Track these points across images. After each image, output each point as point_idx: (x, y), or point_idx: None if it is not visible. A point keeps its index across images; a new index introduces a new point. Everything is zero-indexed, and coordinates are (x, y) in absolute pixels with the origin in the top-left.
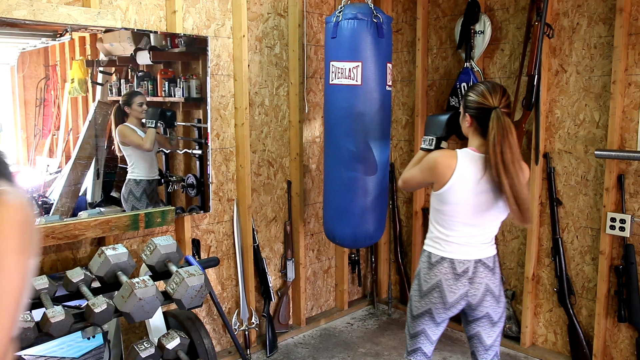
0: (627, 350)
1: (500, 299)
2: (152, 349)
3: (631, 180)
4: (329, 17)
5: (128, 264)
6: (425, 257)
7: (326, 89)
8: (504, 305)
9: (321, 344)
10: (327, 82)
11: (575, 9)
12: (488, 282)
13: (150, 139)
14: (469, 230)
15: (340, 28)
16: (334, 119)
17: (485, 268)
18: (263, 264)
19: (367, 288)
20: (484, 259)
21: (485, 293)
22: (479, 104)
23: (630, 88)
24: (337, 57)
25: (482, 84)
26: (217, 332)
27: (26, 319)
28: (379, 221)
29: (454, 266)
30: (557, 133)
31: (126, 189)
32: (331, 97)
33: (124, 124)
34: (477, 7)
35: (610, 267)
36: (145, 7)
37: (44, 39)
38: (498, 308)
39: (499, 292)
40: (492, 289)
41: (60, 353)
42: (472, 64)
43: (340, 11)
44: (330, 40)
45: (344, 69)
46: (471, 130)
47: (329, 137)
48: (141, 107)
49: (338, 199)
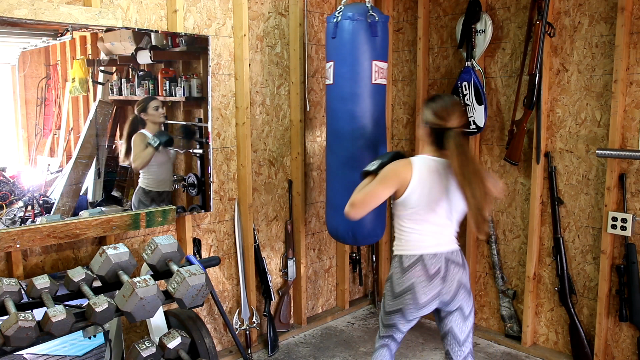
0: (628, 349)
1: (470, 293)
2: (153, 348)
3: (632, 179)
4: (329, 17)
5: (129, 263)
6: (397, 261)
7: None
8: (472, 299)
9: (322, 343)
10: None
11: (577, 7)
12: (460, 278)
13: (142, 159)
14: (433, 228)
15: (337, 28)
16: (327, 118)
17: (455, 265)
18: (263, 263)
19: (368, 287)
20: (453, 258)
21: (458, 288)
22: (435, 124)
23: (631, 87)
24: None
25: (441, 101)
26: (218, 331)
27: (27, 318)
28: (372, 219)
29: (426, 268)
30: (558, 132)
31: (135, 197)
32: (326, 97)
33: (139, 132)
34: (478, 6)
35: (612, 266)
36: (146, 6)
37: (45, 38)
38: (469, 301)
39: (469, 286)
40: (465, 283)
41: (62, 352)
42: (473, 63)
43: (340, 11)
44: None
45: (327, 68)
46: (428, 139)
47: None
48: (157, 110)
49: (334, 196)
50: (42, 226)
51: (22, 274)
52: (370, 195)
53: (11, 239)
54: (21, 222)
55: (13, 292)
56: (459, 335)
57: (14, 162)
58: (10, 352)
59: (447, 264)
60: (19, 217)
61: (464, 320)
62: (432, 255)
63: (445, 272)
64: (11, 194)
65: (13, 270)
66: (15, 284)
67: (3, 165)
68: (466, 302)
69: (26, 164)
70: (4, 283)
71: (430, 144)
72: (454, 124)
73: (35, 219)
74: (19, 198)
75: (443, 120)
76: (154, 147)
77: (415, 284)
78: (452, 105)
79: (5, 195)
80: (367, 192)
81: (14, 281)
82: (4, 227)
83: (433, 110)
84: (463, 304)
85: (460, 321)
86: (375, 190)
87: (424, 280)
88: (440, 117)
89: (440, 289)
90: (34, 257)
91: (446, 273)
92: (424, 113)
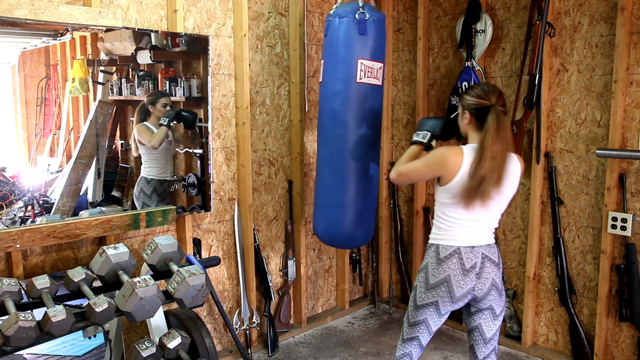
0: (628, 349)
1: (502, 292)
2: (153, 348)
3: (632, 179)
4: (327, 16)
5: (129, 263)
6: (433, 251)
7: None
8: (505, 299)
9: (322, 343)
10: None
11: (577, 7)
12: (494, 277)
13: (158, 137)
14: (474, 216)
15: (328, 26)
16: (318, 117)
17: (491, 263)
18: (263, 263)
19: (368, 287)
20: (490, 254)
21: (491, 287)
22: (477, 103)
23: (631, 87)
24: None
25: (479, 86)
26: (218, 331)
27: (27, 318)
28: (356, 219)
29: (462, 262)
30: (558, 132)
31: (138, 187)
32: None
33: (142, 123)
34: (478, 6)
35: (612, 266)
36: (146, 6)
37: (45, 38)
38: (500, 301)
39: (502, 286)
40: (497, 283)
41: (62, 352)
42: (473, 63)
43: (334, 10)
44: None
45: (321, 67)
46: (470, 127)
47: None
48: (165, 108)
49: (317, 193)
50: (42, 226)
51: (22, 274)
52: (415, 173)
53: (11, 239)
54: (21, 222)
55: (13, 292)
56: (486, 333)
57: (14, 162)
58: (10, 352)
59: (483, 260)
60: (19, 217)
61: (493, 319)
62: (469, 248)
63: (480, 268)
64: (11, 194)
65: (13, 270)
66: (15, 284)
67: (3, 165)
68: (497, 302)
69: (26, 164)
70: (4, 283)
71: (473, 131)
72: (494, 101)
73: (35, 219)
74: (19, 198)
75: (483, 99)
76: (166, 126)
77: (450, 277)
78: (489, 87)
79: (5, 195)
80: (413, 168)
81: (14, 281)
82: (4, 227)
83: (473, 93)
84: (494, 304)
85: (489, 320)
86: (420, 169)
87: (459, 274)
88: (480, 96)
89: (474, 284)
90: (34, 257)
91: (481, 270)
92: (463, 101)
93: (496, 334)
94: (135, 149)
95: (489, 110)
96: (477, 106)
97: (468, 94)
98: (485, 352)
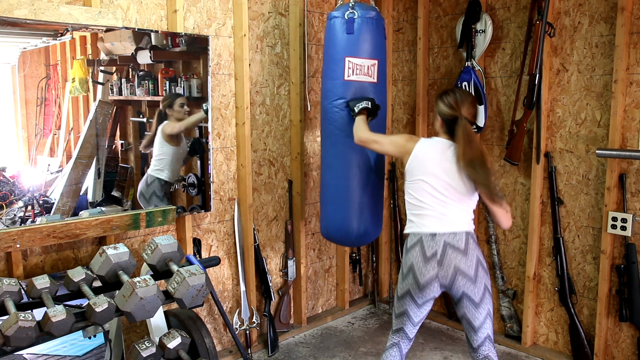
0: (628, 349)
1: (476, 280)
2: (153, 348)
3: (632, 179)
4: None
5: (129, 263)
6: (406, 241)
7: None
8: (482, 287)
9: (322, 343)
10: None
11: (577, 7)
12: (457, 264)
13: (187, 122)
14: (435, 206)
15: (327, 26)
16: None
17: (454, 250)
18: (263, 263)
19: (368, 287)
20: (454, 242)
21: (455, 274)
22: (448, 113)
23: (631, 87)
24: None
25: (453, 94)
26: (218, 331)
27: (27, 318)
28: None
29: (423, 250)
30: (558, 132)
31: (148, 189)
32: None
33: (165, 123)
34: (478, 6)
35: (612, 266)
36: (146, 6)
37: (45, 38)
38: (475, 289)
39: (474, 273)
40: (463, 269)
41: (62, 352)
42: (473, 63)
43: (332, 12)
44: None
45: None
46: (441, 130)
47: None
48: (182, 107)
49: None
50: (42, 226)
51: (22, 274)
52: (376, 143)
53: (11, 239)
54: (21, 222)
55: (13, 292)
56: (472, 322)
57: (14, 162)
58: (10, 352)
59: (444, 247)
60: (19, 217)
61: (475, 307)
62: (430, 236)
63: (441, 256)
64: (11, 194)
65: (13, 270)
66: (15, 284)
67: (3, 165)
68: (471, 290)
69: (26, 164)
70: (4, 283)
71: (443, 133)
72: (464, 113)
73: (35, 219)
74: (19, 198)
75: (453, 109)
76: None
77: (414, 264)
78: (462, 96)
79: (5, 195)
80: (374, 139)
81: (14, 281)
82: (4, 227)
83: (445, 102)
84: (467, 291)
85: (471, 308)
86: (382, 142)
87: (420, 261)
88: (451, 107)
89: (436, 272)
90: (34, 257)
91: (442, 257)
92: (437, 105)
93: (484, 322)
94: (157, 149)
95: (457, 121)
96: (447, 116)
97: (442, 100)
98: (478, 341)
